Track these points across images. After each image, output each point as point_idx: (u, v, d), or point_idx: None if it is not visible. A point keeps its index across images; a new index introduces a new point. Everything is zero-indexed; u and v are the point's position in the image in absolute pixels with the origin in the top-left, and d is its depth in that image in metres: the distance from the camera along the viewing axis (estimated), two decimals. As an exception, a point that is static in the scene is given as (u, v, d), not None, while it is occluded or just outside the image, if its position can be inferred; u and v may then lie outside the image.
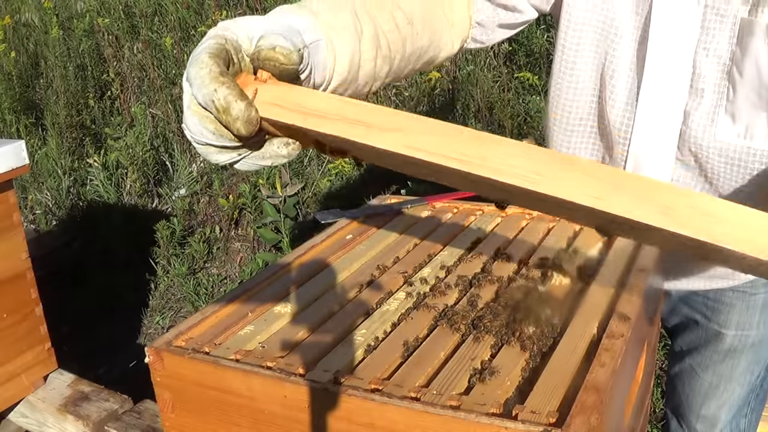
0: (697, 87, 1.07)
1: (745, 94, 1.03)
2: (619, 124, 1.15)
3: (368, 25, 0.93)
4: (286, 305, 0.98)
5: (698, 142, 1.09)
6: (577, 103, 1.18)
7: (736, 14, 1.01)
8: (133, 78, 4.54)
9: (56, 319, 2.20)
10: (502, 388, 0.76)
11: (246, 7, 4.66)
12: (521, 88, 3.57)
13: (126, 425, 1.67)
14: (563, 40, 1.14)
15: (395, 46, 0.98)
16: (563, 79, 1.17)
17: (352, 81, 0.91)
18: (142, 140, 3.93)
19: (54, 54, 4.64)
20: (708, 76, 1.06)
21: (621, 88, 1.13)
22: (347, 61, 0.87)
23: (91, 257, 3.62)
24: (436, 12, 1.06)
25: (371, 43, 0.93)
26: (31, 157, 3.51)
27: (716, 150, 1.08)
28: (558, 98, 1.20)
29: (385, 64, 0.97)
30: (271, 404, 0.82)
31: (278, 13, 0.82)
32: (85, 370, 1.99)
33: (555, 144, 1.24)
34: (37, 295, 1.80)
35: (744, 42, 1.01)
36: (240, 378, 0.83)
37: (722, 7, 1.02)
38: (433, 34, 1.06)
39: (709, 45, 1.05)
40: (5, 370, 1.73)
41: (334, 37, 0.85)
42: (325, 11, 0.87)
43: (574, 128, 1.21)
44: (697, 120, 1.08)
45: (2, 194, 1.69)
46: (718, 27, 1.03)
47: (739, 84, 1.03)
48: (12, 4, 5.86)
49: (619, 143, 1.16)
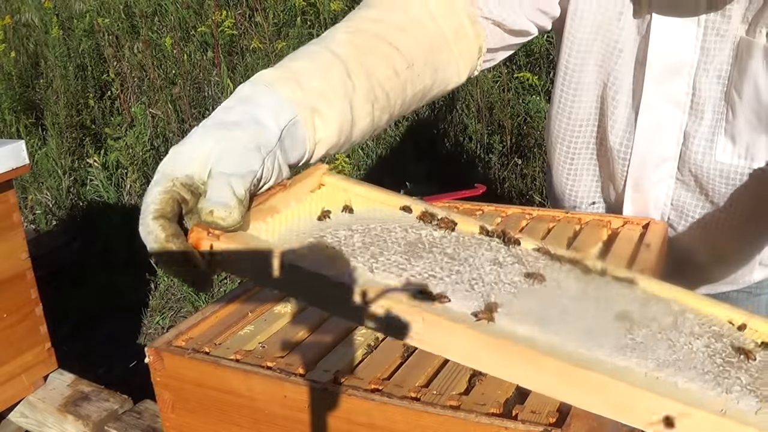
0: (698, 108, 1.07)
1: (745, 116, 1.02)
2: (618, 145, 1.15)
3: (361, 80, 0.89)
4: (286, 305, 0.98)
5: (698, 163, 1.09)
6: (580, 122, 1.18)
7: (736, 33, 1.00)
8: (133, 78, 4.54)
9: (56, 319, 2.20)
10: (502, 388, 0.76)
11: (246, 7, 4.66)
12: (521, 88, 3.56)
13: (126, 425, 1.67)
14: (566, 62, 1.14)
15: (394, 94, 0.95)
16: (566, 99, 1.17)
17: (345, 142, 0.89)
18: (142, 140, 3.93)
19: (54, 54, 4.64)
20: (708, 97, 1.05)
21: (621, 110, 1.13)
22: (335, 128, 0.85)
23: (91, 257, 3.62)
24: (440, 47, 1.01)
25: (365, 99, 0.90)
26: (31, 157, 3.50)
27: (716, 171, 1.08)
28: (560, 117, 1.20)
29: (385, 113, 0.95)
30: (271, 404, 0.82)
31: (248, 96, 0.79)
32: (85, 370, 1.99)
33: (558, 160, 1.24)
34: (37, 295, 1.79)
35: (743, 63, 1.00)
36: (240, 378, 0.83)
37: (722, 27, 1.00)
38: (436, 71, 1.01)
39: (709, 66, 1.03)
40: (5, 370, 1.73)
41: (321, 105, 0.83)
42: (312, 75, 0.84)
43: (576, 147, 1.21)
44: (697, 142, 1.08)
45: (2, 194, 1.69)
46: (718, 47, 1.02)
47: (739, 106, 1.02)
48: (12, 4, 5.86)
49: (619, 163, 1.16)
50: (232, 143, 0.72)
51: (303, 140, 0.81)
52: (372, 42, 0.93)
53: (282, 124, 0.77)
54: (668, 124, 1.10)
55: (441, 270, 0.68)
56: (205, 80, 4.42)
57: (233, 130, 0.73)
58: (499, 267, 0.71)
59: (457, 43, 1.03)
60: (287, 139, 0.78)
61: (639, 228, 1.11)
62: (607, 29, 1.09)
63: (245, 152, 0.71)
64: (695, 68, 1.05)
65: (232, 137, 0.72)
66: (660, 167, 1.13)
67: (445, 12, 1.01)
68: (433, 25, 1.00)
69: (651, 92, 1.09)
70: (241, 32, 4.51)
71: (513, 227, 1.15)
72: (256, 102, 0.78)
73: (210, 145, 0.71)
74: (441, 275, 0.67)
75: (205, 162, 0.70)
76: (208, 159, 0.71)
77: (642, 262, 1.00)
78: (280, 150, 0.76)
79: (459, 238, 0.75)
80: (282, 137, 0.77)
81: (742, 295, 1.27)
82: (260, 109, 0.77)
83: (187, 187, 0.70)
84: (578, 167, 1.23)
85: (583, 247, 1.05)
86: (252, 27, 4.50)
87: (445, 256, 0.71)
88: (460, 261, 0.70)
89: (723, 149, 1.06)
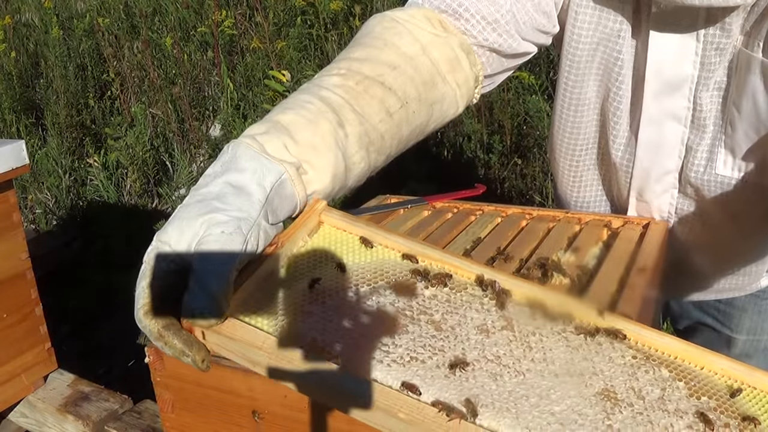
0: (699, 123, 1.06)
1: (744, 131, 1.02)
2: (620, 159, 1.15)
3: (354, 127, 0.89)
4: (286, 305, 0.98)
5: (699, 176, 1.09)
6: (583, 137, 1.18)
7: (735, 45, 0.99)
8: (133, 78, 4.54)
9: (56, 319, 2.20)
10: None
11: (246, 7, 4.66)
12: (521, 87, 3.56)
13: (126, 425, 1.67)
14: (565, 79, 1.13)
15: (389, 135, 0.95)
16: (567, 116, 1.17)
17: (341, 189, 0.90)
18: (142, 140, 3.93)
19: (54, 54, 4.64)
20: (709, 111, 1.04)
21: (622, 125, 1.12)
22: (329, 178, 0.86)
23: (91, 257, 3.62)
24: (435, 81, 1.00)
25: (359, 145, 0.90)
26: (31, 157, 3.51)
27: (717, 184, 1.08)
28: (563, 132, 1.20)
29: (381, 155, 0.95)
30: (271, 404, 0.82)
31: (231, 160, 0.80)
32: (85, 370, 1.99)
33: (562, 172, 1.25)
34: (37, 295, 1.79)
35: (741, 77, 0.99)
36: (240, 378, 0.83)
37: (722, 41, 0.99)
38: (432, 106, 1.01)
39: (709, 80, 1.02)
40: (5, 370, 1.73)
41: (312, 158, 0.84)
42: (301, 127, 0.85)
43: (580, 160, 1.22)
44: (698, 155, 1.08)
45: (2, 194, 1.69)
46: (718, 61, 1.01)
47: (738, 120, 1.02)
48: (12, 4, 5.86)
49: (622, 175, 1.17)
50: (211, 229, 0.74)
51: (291, 196, 0.82)
52: (364, 84, 0.92)
53: (267, 187, 0.79)
54: (669, 138, 1.09)
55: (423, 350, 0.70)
56: (205, 80, 4.43)
57: (214, 211, 0.75)
58: (486, 336, 0.72)
59: (452, 74, 1.02)
60: (275, 198, 0.79)
61: (639, 228, 1.11)
62: (606, 46, 1.08)
63: (225, 238, 0.74)
64: (695, 83, 1.04)
65: (210, 221, 0.74)
66: (662, 180, 1.13)
67: (438, 44, 1.00)
68: (425, 59, 0.99)
69: (651, 108, 1.08)
70: (241, 32, 4.51)
71: (513, 227, 1.15)
72: (238, 167, 0.79)
73: (191, 233, 0.74)
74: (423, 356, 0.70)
75: (187, 248, 0.74)
76: (190, 245, 0.74)
77: (642, 262, 1.00)
78: (265, 217, 0.78)
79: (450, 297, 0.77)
80: (269, 199, 0.78)
81: (749, 299, 1.27)
82: (242, 175, 0.78)
83: (174, 273, 0.74)
84: (582, 179, 1.24)
85: (583, 247, 1.05)
86: (252, 27, 4.50)
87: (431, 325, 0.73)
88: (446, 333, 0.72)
89: (723, 162, 1.06)
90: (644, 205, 1.17)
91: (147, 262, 0.75)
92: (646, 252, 1.02)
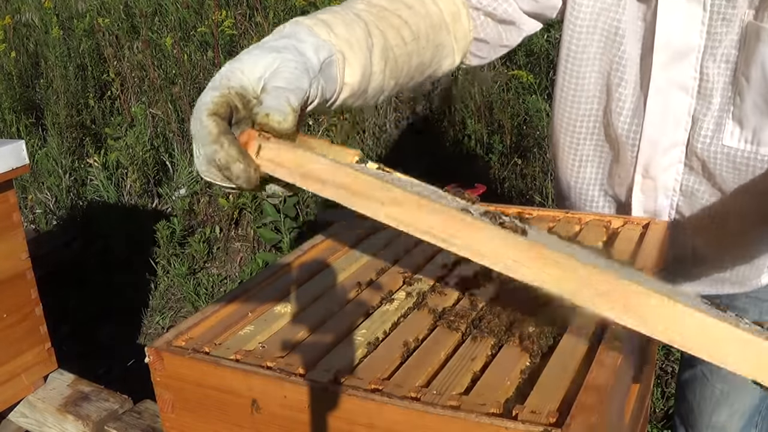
0: (705, 93, 1.06)
1: (753, 100, 1.02)
2: (626, 131, 1.15)
3: (378, 39, 0.98)
4: (286, 305, 0.98)
5: (706, 147, 1.09)
6: (584, 110, 1.18)
7: (743, 17, 1.00)
8: (133, 78, 4.53)
9: (56, 319, 2.20)
10: (502, 388, 0.76)
11: (246, 7, 4.66)
12: (521, 88, 3.56)
13: (126, 425, 1.67)
14: (567, 49, 1.14)
15: (402, 60, 1.03)
16: (568, 87, 1.17)
17: (362, 93, 0.97)
18: (142, 140, 3.93)
19: (54, 54, 4.64)
20: (715, 82, 1.05)
21: (628, 96, 1.12)
22: (359, 74, 0.93)
23: (91, 257, 3.62)
24: (440, 26, 1.09)
25: (381, 56, 0.98)
26: (31, 157, 3.51)
27: (723, 156, 1.08)
28: (564, 106, 1.20)
29: (392, 78, 1.02)
30: (271, 404, 0.82)
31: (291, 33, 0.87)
32: (85, 370, 1.99)
33: (563, 149, 1.24)
34: (37, 295, 1.80)
35: (750, 47, 1.00)
36: (240, 378, 0.83)
37: (728, 11, 1.00)
38: (436, 48, 1.09)
39: (716, 50, 1.03)
40: (5, 370, 1.73)
41: (347, 51, 0.91)
42: (339, 25, 0.92)
43: (581, 135, 1.21)
44: (705, 126, 1.08)
45: (2, 194, 1.69)
46: (725, 31, 1.02)
47: (746, 90, 1.02)
48: (12, 4, 5.86)
49: (627, 150, 1.16)
50: (284, 63, 0.79)
51: (335, 79, 0.89)
52: (384, 13, 1.02)
53: (321, 59, 0.85)
54: (676, 109, 1.10)
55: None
56: (205, 80, 4.42)
57: (284, 53, 0.81)
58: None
59: (453, 25, 1.11)
60: (323, 75, 0.85)
61: (639, 228, 1.11)
62: (608, 15, 1.10)
63: (297, 72, 0.79)
64: (702, 53, 1.05)
65: (284, 58, 0.80)
66: (669, 152, 1.13)
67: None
68: (434, 7, 1.09)
69: (659, 77, 1.09)
70: (241, 32, 4.51)
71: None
72: (299, 38, 0.86)
73: (265, 63, 0.79)
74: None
75: (259, 77, 0.78)
76: (263, 75, 0.78)
77: (642, 262, 1.00)
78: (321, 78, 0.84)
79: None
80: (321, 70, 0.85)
81: (750, 300, 1.27)
82: (303, 44, 0.85)
83: (240, 97, 0.76)
84: (583, 156, 1.23)
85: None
86: (252, 27, 4.50)
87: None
88: None
89: (731, 133, 1.06)
90: (650, 183, 1.16)
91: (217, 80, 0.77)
92: (646, 252, 1.02)
